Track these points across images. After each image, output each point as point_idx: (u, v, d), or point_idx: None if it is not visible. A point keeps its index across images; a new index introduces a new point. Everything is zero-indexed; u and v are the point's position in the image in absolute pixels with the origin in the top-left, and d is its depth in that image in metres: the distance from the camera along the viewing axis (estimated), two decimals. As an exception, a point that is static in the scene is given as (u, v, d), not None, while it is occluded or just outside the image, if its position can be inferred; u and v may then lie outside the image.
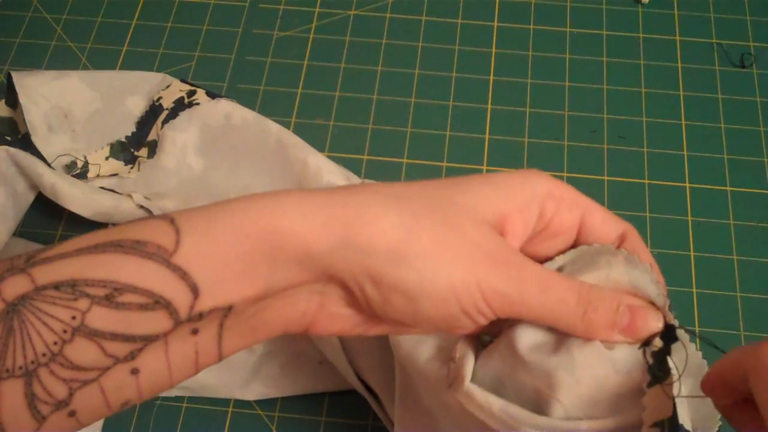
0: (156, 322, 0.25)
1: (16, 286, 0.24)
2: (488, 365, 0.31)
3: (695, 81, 0.58)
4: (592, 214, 0.31)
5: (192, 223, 0.26)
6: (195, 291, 0.25)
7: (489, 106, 0.57)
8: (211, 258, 0.25)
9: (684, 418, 0.26)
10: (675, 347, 0.28)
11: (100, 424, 0.45)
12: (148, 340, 0.25)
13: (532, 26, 0.61)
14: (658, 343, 0.28)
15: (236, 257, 0.26)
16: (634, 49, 0.59)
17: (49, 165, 0.50)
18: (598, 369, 0.28)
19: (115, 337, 0.24)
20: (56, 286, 0.24)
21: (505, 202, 0.29)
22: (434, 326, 0.29)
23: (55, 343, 0.24)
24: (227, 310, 0.26)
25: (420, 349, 0.34)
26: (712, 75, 0.58)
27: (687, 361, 0.27)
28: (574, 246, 0.32)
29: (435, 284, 0.27)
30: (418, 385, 0.35)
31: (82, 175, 0.51)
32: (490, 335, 0.32)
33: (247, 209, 0.26)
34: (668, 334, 0.28)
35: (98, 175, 0.52)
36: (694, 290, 0.49)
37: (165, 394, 0.46)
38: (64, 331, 0.24)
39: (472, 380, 0.30)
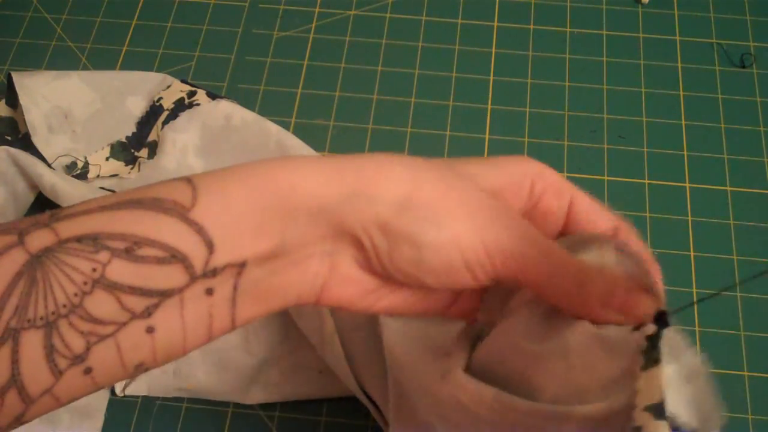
0: (172, 276, 0.26)
1: (41, 239, 0.25)
2: (482, 355, 0.31)
3: (695, 81, 0.58)
4: (578, 201, 0.32)
5: (208, 182, 0.27)
6: (210, 246, 0.26)
7: (489, 106, 0.57)
8: (225, 213, 0.26)
9: (679, 408, 0.26)
10: (667, 333, 0.28)
11: (100, 424, 0.45)
12: (164, 295, 0.26)
13: (532, 26, 0.61)
14: (650, 328, 0.28)
15: (250, 212, 0.27)
16: (634, 49, 0.59)
17: (49, 165, 0.50)
18: (590, 352, 0.28)
19: (132, 290, 0.25)
20: (79, 239, 0.25)
21: (499, 177, 0.31)
22: (438, 281, 0.29)
23: (76, 295, 0.25)
24: (241, 267, 0.27)
25: (415, 347, 0.34)
26: (712, 75, 0.58)
27: (680, 343, 0.27)
28: (562, 235, 0.32)
29: (439, 233, 0.28)
30: (416, 396, 0.35)
31: (83, 175, 0.51)
32: (489, 327, 0.32)
33: (261, 168, 0.28)
34: (661, 319, 0.28)
35: (98, 176, 0.52)
36: (694, 290, 0.49)
37: (164, 394, 0.46)
38: (85, 283, 0.25)
39: (466, 372, 0.30)
